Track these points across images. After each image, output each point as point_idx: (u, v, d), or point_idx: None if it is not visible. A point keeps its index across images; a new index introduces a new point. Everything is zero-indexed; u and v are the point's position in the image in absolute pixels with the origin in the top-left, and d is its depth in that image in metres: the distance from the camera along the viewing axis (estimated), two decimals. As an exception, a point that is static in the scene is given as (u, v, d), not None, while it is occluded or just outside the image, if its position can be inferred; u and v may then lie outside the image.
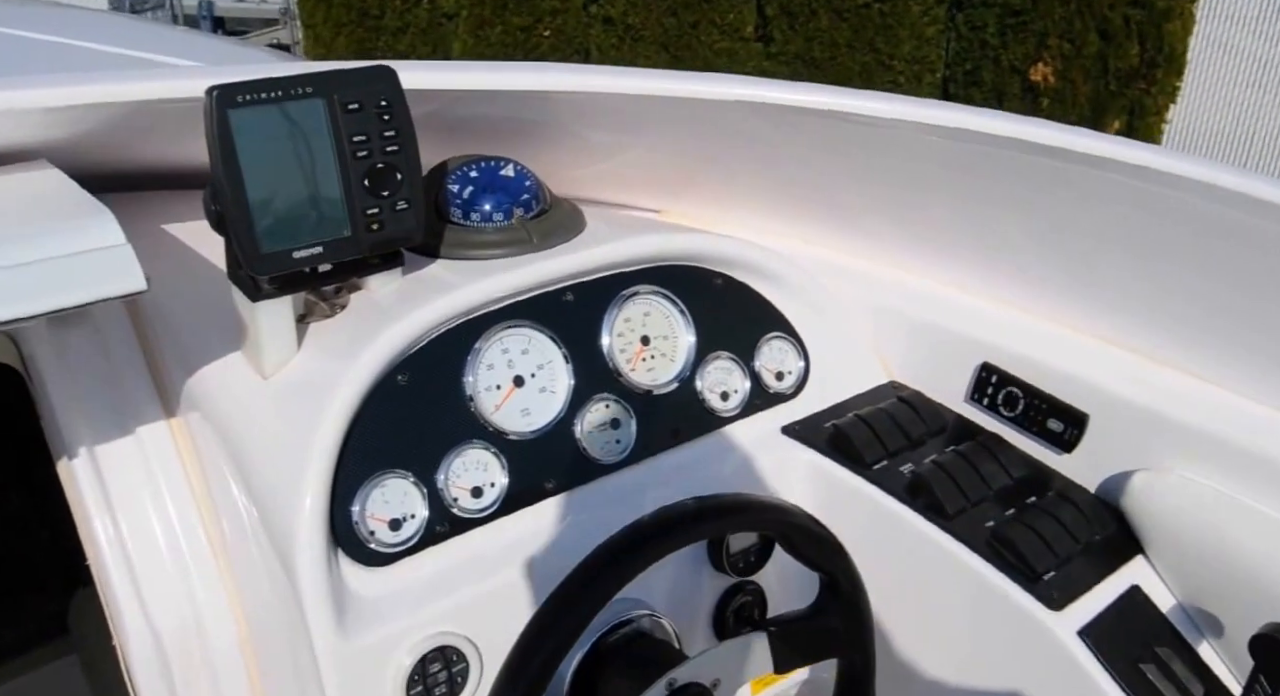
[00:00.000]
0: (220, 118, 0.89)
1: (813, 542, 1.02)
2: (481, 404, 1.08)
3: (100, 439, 1.14)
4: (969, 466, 1.22)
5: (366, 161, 0.97)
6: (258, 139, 0.91)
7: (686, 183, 1.45)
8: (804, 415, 1.30)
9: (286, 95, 0.92)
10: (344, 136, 0.96)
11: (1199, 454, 1.12)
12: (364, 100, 0.96)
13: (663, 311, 1.22)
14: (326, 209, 0.97)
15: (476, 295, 1.07)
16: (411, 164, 1.00)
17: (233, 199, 0.92)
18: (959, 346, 1.30)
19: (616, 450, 1.17)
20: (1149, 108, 4.81)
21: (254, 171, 0.92)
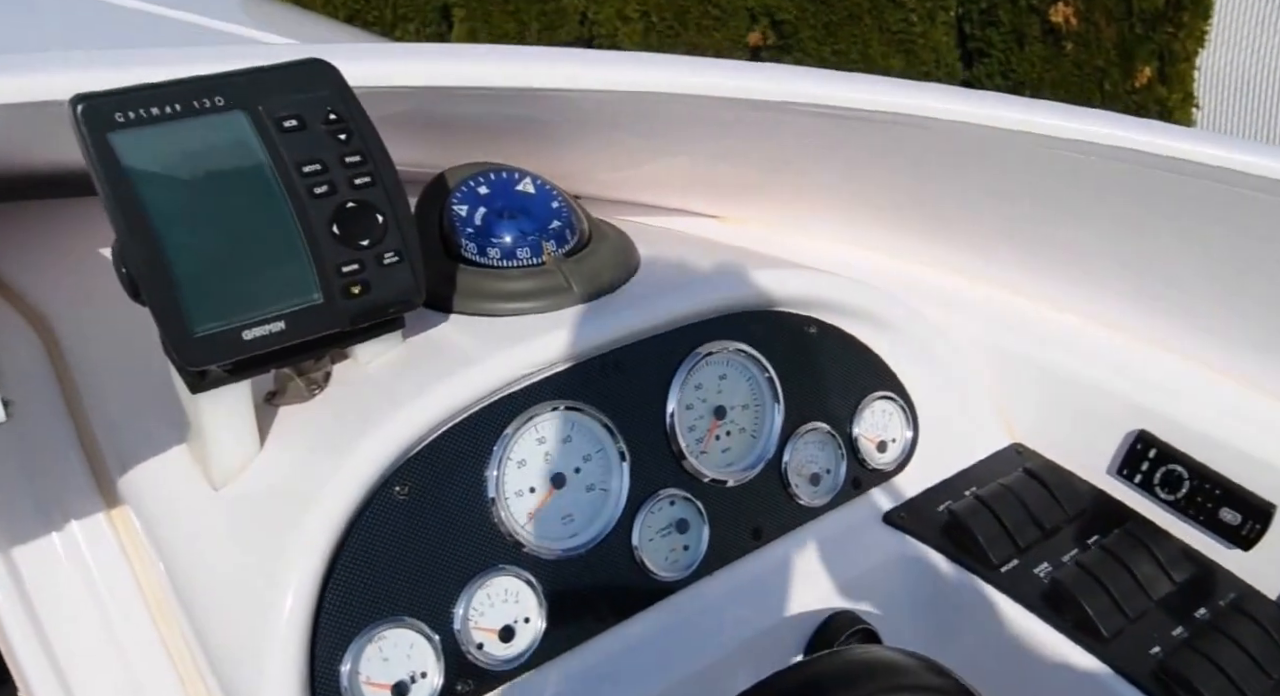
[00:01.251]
0: (98, 144, 0.59)
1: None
2: (510, 514, 0.79)
3: (21, 535, 0.85)
4: (1122, 567, 0.94)
5: (330, 200, 0.67)
6: (161, 173, 0.62)
7: (751, 187, 1.15)
8: (911, 494, 1.02)
9: (187, 108, 0.62)
10: (289, 166, 0.66)
11: None
12: (303, 112, 0.66)
13: (743, 373, 0.93)
14: (285, 267, 0.67)
15: (504, 370, 0.78)
16: (395, 199, 0.70)
17: (142, 259, 0.62)
18: (1108, 407, 1.02)
19: (683, 562, 0.88)
20: (1179, 53, 4.49)
21: (166, 219, 0.62)
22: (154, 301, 0.63)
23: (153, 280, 0.62)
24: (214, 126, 0.63)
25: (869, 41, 4.20)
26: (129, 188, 0.60)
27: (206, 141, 0.63)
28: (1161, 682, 0.87)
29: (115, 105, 0.60)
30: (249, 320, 0.66)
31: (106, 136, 0.59)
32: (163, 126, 0.61)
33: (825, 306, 0.96)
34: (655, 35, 4.07)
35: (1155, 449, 0.98)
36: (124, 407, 0.84)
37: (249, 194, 0.64)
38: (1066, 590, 0.92)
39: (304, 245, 0.66)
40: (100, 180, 0.59)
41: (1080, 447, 1.05)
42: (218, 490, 0.76)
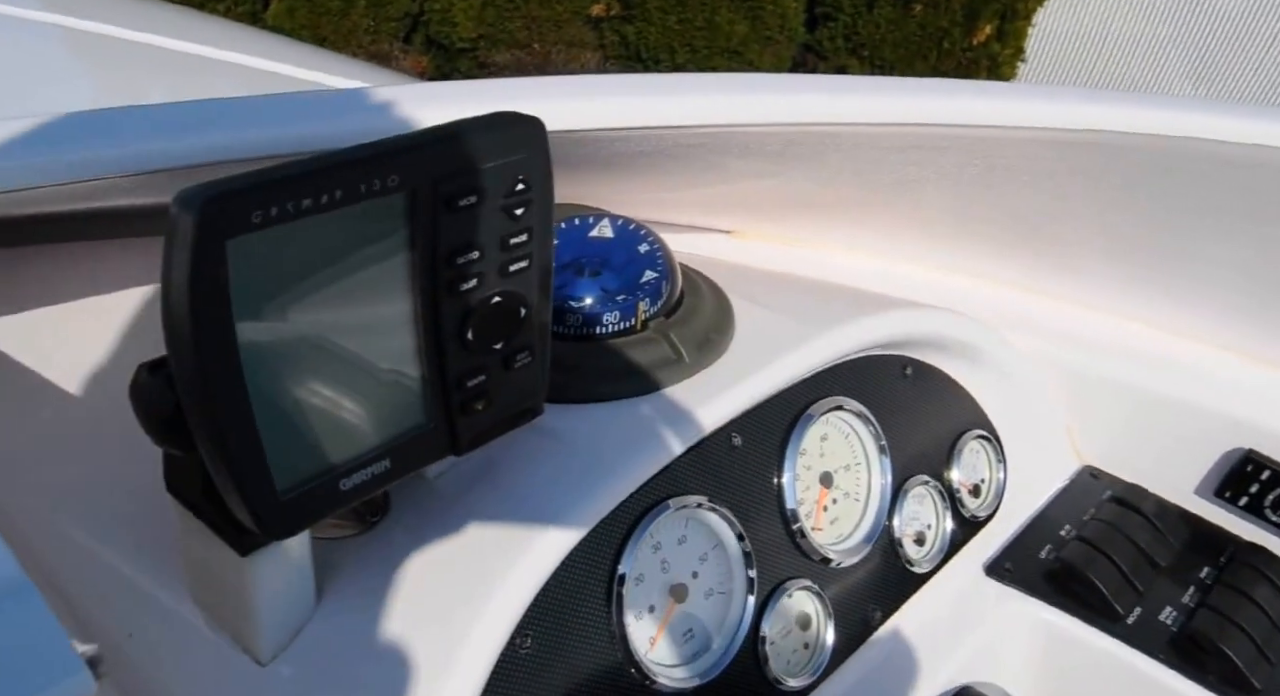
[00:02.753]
0: (207, 254, 0.39)
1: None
2: (634, 644, 0.64)
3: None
4: (1254, 606, 0.87)
5: (473, 295, 0.49)
6: (265, 285, 0.43)
7: (782, 204, 1.01)
8: (1005, 539, 0.92)
9: (349, 194, 0.43)
10: (439, 256, 0.47)
11: None
12: (489, 184, 0.48)
13: (844, 430, 0.79)
14: (394, 389, 0.49)
15: (626, 478, 0.62)
16: (543, 282, 0.53)
17: (221, 411, 0.43)
18: (1201, 425, 0.93)
19: (809, 661, 0.75)
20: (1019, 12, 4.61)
21: (257, 350, 0.43)
22: (225, 458, 0.44)
23: (230, 436, 0.43)
24: (362, 216, 0.44)
25: (716, 7, 4.10)
26: (223, 312, 0.41)
27: (341, 236, 0.44)
28: (1313, 730, 0.80)
29: (253, 200, 0.40)
30: (348, 466, 0.48)
31: (225, 245, 0.39)
32: (298, 224, 0.41)
33: (920, 343, 0.84)
34: (493, 10, 3.82)
35: (1268, 469, 0.91)
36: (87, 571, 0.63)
37: (368, 298, 0.46)
38: (1209, 641, 0.83)
39: (423, 359, 0.49)
40: (179, 294, 0.40)
41: (1166, 469, 0.97)
42: (264, 665, 0.57)
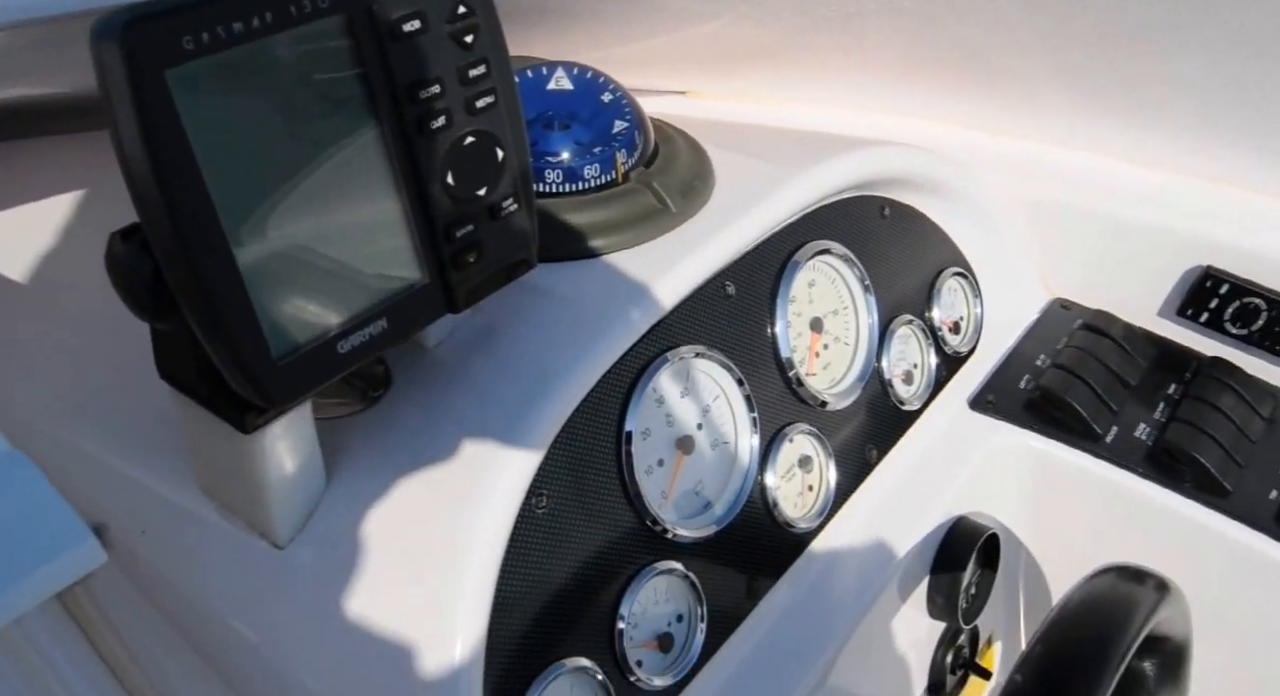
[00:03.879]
0: (149, 89, 0.35)
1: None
2: (647, 499, 0.62)
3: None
4: (1220, 415, 0.87)
5: (445, 135, 0.45)
6: (227, 128, 0.38)
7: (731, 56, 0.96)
8: (986, 373, 0.91)
9: (280, 18, 0.38)
10: (399, 91, 0.43)
11: None
12: (427, 7, 0.43)
13: (830, 275, 0.77)
14: (382, 242, 0.45)
15: (630, 324, 0.59)
16: (514, 121, 0.48)
17: (206, 268, 0.38)
18: (1161, 247, 0.92)
19: (814, 504, 0.74)
20: None
21: (233, 202, 0.39)
22: (214, 322, 0.40)
23: (217, 296, 0.39)
24: (301, 43, 0.39)
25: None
26: (185, 156, 0.36)
27: (291, 73, 0.39)
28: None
29: (184, 25, 0.35)
30: (345, 326, 0.44)
31: (164, 77, 0.35)
32: (234, 53, 0.36)
33: (896, 182, 0.81)
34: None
35: (1226, 284, 0.90)
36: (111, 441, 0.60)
37: (339, 146, 0.41)
38: (1182, 451, 0.84)
39: (408, 211, 0.44)
40: (131, 142, 0.35)
41: (1131, 294, 0.96)
42: (284, 547, 0.54)
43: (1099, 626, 0.56)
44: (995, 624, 0.95)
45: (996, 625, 0.95)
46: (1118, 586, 0.60)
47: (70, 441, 0.60)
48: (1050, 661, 0.54)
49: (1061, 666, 0.54)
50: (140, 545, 0.57)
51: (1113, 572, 0.62)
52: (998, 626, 0.95)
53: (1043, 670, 0.54)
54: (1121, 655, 0.55)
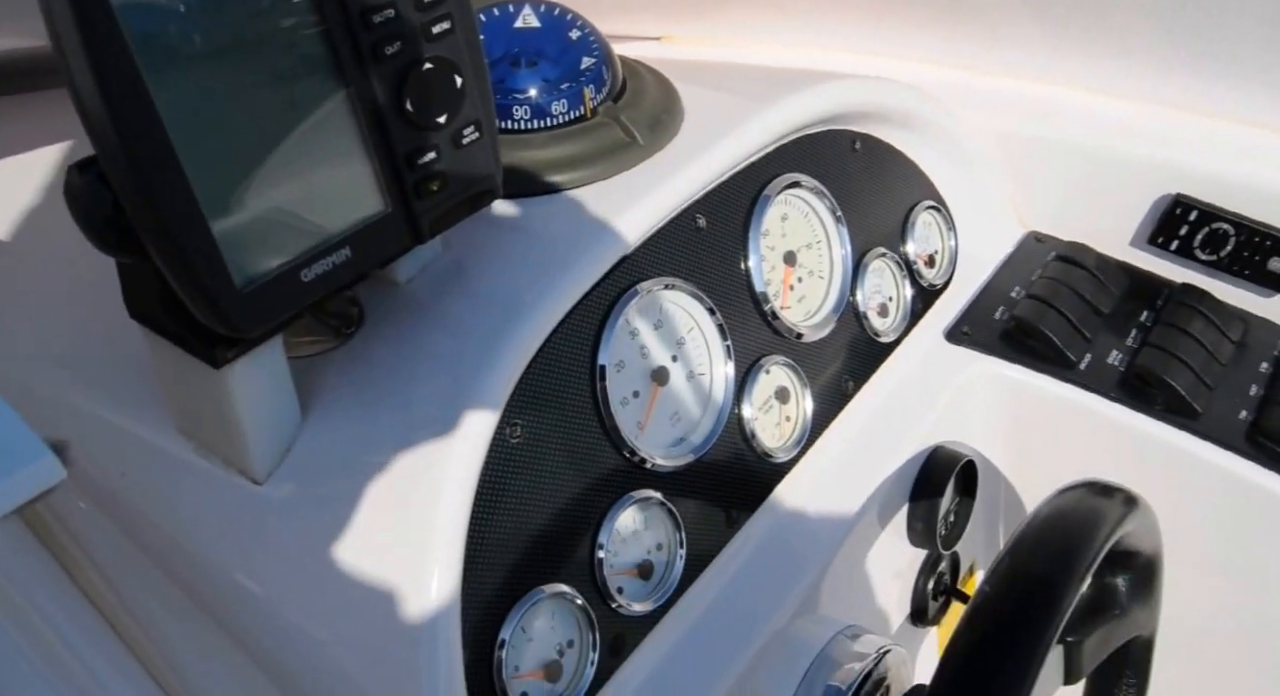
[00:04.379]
0: (101, 26, 0.34)
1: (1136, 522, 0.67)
2: (623, 429, 0.62)
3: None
4: (1190, 339, 0.87)
5: (400, 61, 0.44)
6: (174, 53, 0.37)
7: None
8: (962, 306, 0.91)
9: None
10: (351, 17, 0.42)
11: None
12: None
13: (803, 209, 0.76)
14: (341, 169, 0.45)
15: (601, 255, 0.58)
16: (472, 48, 0.47)
17: (160, 192, 0.38)
18: (1132, 177, 0.92)
19: (792, 434, 0.74)
20: None
21: (186, 126, 0.38)
22: (174, 251, 0.39)
23: (175, 225, 0.38)
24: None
25: None
26: (134, 80, 0.35)
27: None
28: (1257, 443, 0.82)
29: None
30: (307, 255, 0.44)
31: (112, 8, 0.34)
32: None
33: (867, 115, 0.80)
34: None
35: (1195, 211, 0.90)
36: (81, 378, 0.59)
37: (290, 68, 0.41)
38: (1153, 374, 0.84)
39: (367, 135, 0.44)
40: (87, 72, 0.35)
41: (1104, 224, 0.96)
42: (262, 484, 0.54)
43: (1066, 537, 0.57)
44: (975, 551, 0.96)
45: (977, 552, 0.96)
46: (1085, 500, 0.61)
47: (45, 387, 0.59)
48: (1018, 571, 0.55)
49: (1029, 575, 0.54)
50: (120, 487, 0.57)
51: (1081, 488, 0.62)
52: (978, 553, 0.96)
53: (1010, 580, 0.54)
54: (1088, 563, 0.56)
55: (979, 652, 0.52)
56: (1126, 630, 0.76)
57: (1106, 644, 0.74)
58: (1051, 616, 0.53)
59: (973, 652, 0.52)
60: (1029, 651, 0.51)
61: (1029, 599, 0.53)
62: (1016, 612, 0.53)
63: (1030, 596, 0.53)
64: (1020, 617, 0.52)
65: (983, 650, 0.52)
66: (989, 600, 0.54)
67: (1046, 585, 0.54)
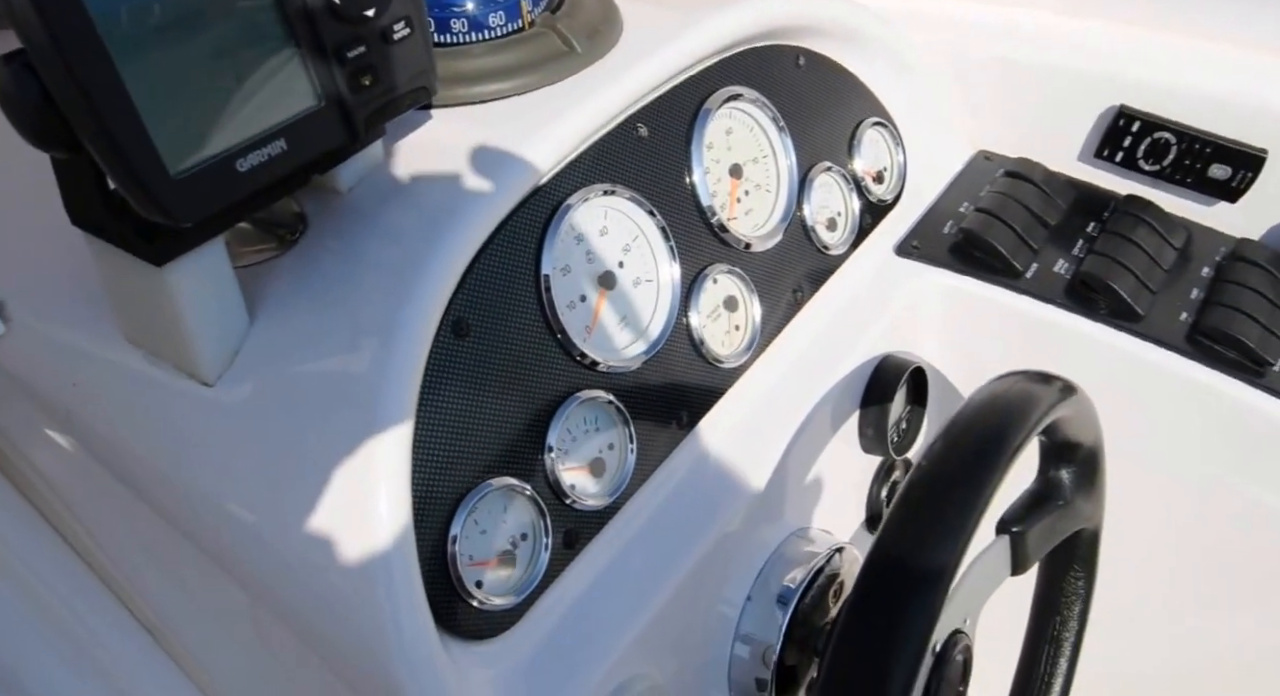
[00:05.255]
0: None
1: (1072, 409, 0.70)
2: (570, 332, 0.63)
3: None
4: (1134, 246, 0.89)
5: (323, -50, 0.45)
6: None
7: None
8: (912, 222, 0.92)
9: None
10: None
11: None
12: None
13: (747, 123, 0.77)
14: (270, 63, 0.45)
15: (538, 159, 0.59)
16: (398, -58, 0.48)
17: (87, 78, 0.39)
18: (1076, 91, 0.93)
19: (741, 341, 0.76)
20: None
21: (109, 17, 0.39)
22: (105, 138, 0.40)
23: (104, 112, 0.39)
24: None
25: None
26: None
27: None
28: (1197, 343, 0.84)
29: None
30: (241, 145, 0.45)
31: None
32: None
33: (811, 31, 0.81)
34: None
35: (1138, 121, 0.92)
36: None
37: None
38: (1097, 280, 0.86)
39: (295, 27, 0.45)
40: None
41: (1051, 140, 0.97)
42: (212, 385, 0.55)
43: (1001, 415, 0.58)
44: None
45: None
46: (1020, 383, 0.62)
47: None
48: (953, 444, 0.56)
49: (963, 449, 0.56)
50: (72, 399, 0.58)
51: (1018, 374, 0.64)
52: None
53: (946, 452, 0.56)
54: (1022, 437, 0.57)
55: (913, 521, 0.54)
56: (1072, 522, 0.78)
57: (1052, 535, 0.77)
58: (983, 487, 0.55)
59: (907, 521, 0.54)
60: (961, 520, 0.54)
61: (962, 470, 0.55)
62: (950, 483, 0.55)
63: (964, 468, 0.55)
64: (953, 488, 0.54)
65: (917, 518, 0.54)
66: (925, 475, 0.56)
67: (979, 457, 0.55)
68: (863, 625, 0.52)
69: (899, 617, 0.51)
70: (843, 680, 0.52)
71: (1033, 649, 0.86)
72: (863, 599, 0.53)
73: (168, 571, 0.73)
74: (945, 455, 0.56)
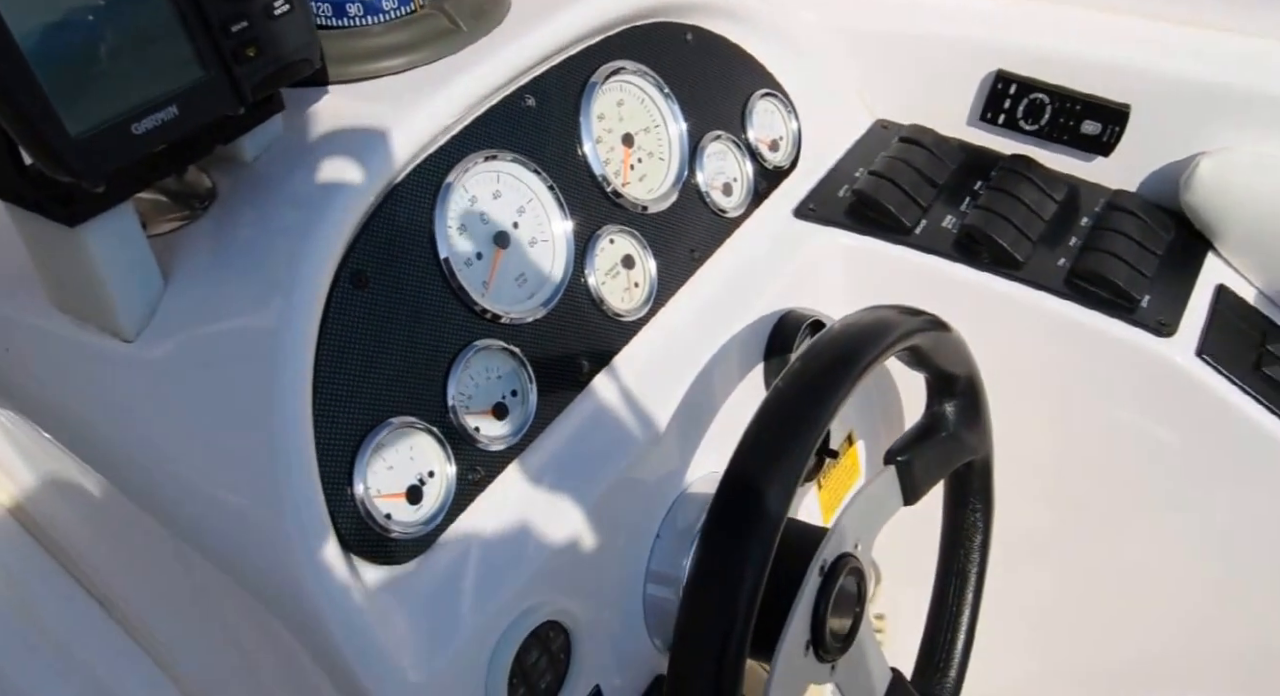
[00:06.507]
0: None
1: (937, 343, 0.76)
2: (467, 286, 0.69)
3: None
4: (1015, 200, 0.96)
5: (204, -66, 0.51)
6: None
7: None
8: (810, 186, 0.99)
9: None
10: None
11: (1274, 123, 0.91)
12: None
13: (637, 95, 0.84)
14: (157, 35, 0.51)
15: (424, 128, 0.65)
16: (274, -73, 0.54)
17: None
18: (960, 59, 1.00)
19: (639, 296, 0.82)
20: None
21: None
22: (10, 104, 0.46)
23: (5, 77, 0.45)
24: None
25: None
26: None
27: None
28: (1075, 286, 0.91)
29: None
30: (136, 109, 0.50)
31: None
32: None
33: (698, 9, 0.88)
34: None
35: (1015, 83, 0.99)
36: None
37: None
38: (980, 232, 0.93)
39: (184, 7, 0.51)
40: None
41: (940, 106, 1.04)
42: (132, 341, 0.61)
43: (854, 338, 0.64)
44: (849, 423, 1.04)
45: (853, 424, 1.05)
46: (881, 311, 0.68)
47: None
48: (806, 365, 0.62)
49: (815, 368, 0.62)
50: (5, 365, 0.64)
51: (882, 306, 0.70)
52: (854, 425, 1.05)
53: (799, 372, 0.62)
54: (874, 355, 0.63)
55: (765, 431, 0.60)
56: (959, 453, 0.84)
57: (941, 465, 0.83)
58: (828, 401, 0.61)
59: (761, 432, 0.60)
60: (809, 429, 0.60)
61: (811, 387, 0.61)
62: (799, 399, 0.61)
63: (813, 385, 0.61)
64: (802, 402, 0.60)
65: (768, 429, 0.60)
66: (783, 394, 0.62)
67: (828, 374, 0.61)
68: (719, 531, 0.57)
69: (749, 524, 0.57)
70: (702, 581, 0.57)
71: (942, 583, 0.92)
72: (718, 505, 0.58)
73: (117, 541, 0.78)
74: (799, 372, 0.62)
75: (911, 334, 0.69)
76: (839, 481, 1.08)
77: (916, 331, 0.70)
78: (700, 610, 0.57)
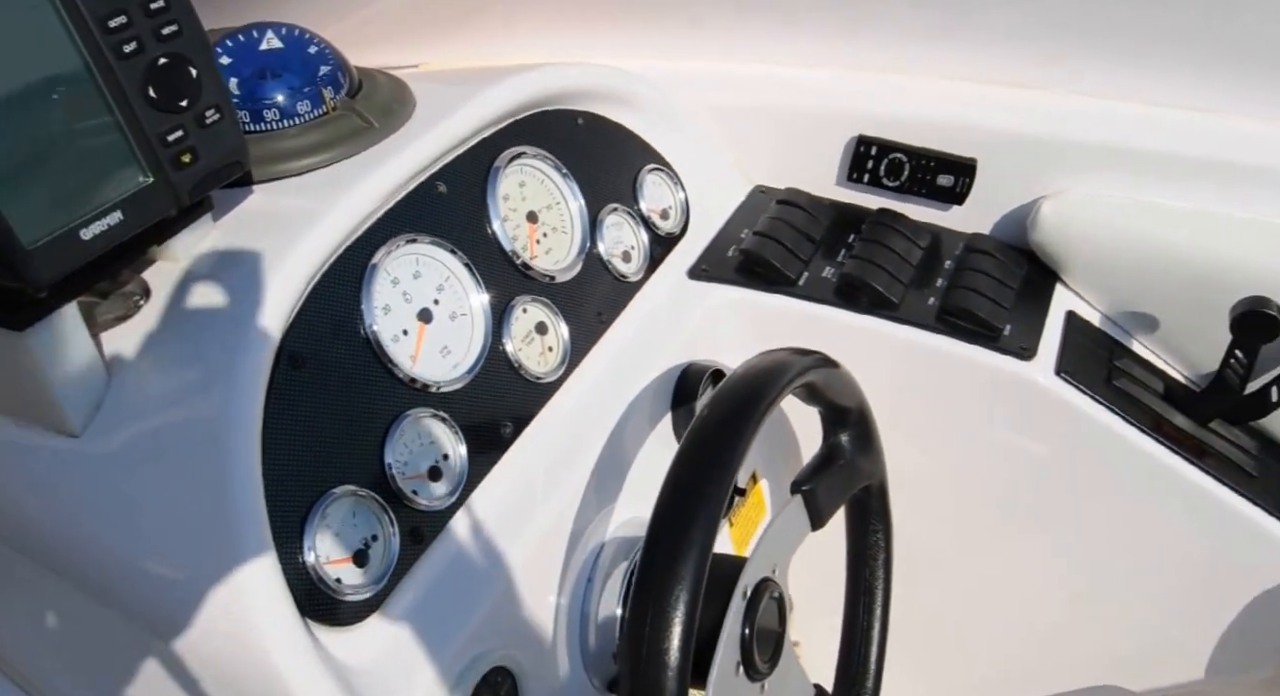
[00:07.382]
0: None
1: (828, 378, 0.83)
2: (396, 360, 0.74)
3: None
4: (886, 249, 1.06)
5: (140, 59, 0.56)
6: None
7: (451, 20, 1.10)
8: (699, 251, 1.07)
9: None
10: (89, 22, 0.54)
11: (1100, 166, 1.03)
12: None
13: (538, 176, 0.91)
14: (103, 148, 0.56)
15: (347, 218, 0.71)
16: (201, 48, 0.60)
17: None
18: (824, 127, 1.11)
19: (554, 360, 0.88)
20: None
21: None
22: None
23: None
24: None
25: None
26: None
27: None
28: (945, 321, 1.00)
29: None
30: (83, 217, 0.55)
31: None
32: None
33: (589, 96, 0.96)
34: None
35: (875, 146, 1.09)
36: None
37: (47, 63, 0.52)
38: (857, 279, 1.02)
39: (121, 119, 0.55)
40: None
41: (811, 170, 1.14)
42: (79, 435, 0.64)
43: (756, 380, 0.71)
44: (752, 462, 1.12)
45: (756, 464, 1.12)
46: (775, 356, 0.76)
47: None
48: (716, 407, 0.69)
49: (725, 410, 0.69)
50: None
51: (779, 349, 0.78)
52: (757, 465, 1.12)
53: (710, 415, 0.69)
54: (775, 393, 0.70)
55: (686, 470, 0.66)
56: (856, 479, 0.92)
57: (842, 491, 0.90)
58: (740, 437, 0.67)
59: (681, 471, 0.66)
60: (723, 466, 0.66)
61: (723, 427, 0.68)
62: (713, 439, 0.67)
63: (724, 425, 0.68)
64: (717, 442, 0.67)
65: (688, 469, 0.66)
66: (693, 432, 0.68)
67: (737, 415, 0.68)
68: (653, 569, 0.62)
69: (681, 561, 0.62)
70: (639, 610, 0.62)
71: (853, 600, 0.99)
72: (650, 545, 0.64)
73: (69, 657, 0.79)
74: (710, 416, 0.68)
75: (806, 371, 0.76)
76: (747, 517, 1.15)
77: (810, 368, 0.77)
78: (645, 644, 0.61)
